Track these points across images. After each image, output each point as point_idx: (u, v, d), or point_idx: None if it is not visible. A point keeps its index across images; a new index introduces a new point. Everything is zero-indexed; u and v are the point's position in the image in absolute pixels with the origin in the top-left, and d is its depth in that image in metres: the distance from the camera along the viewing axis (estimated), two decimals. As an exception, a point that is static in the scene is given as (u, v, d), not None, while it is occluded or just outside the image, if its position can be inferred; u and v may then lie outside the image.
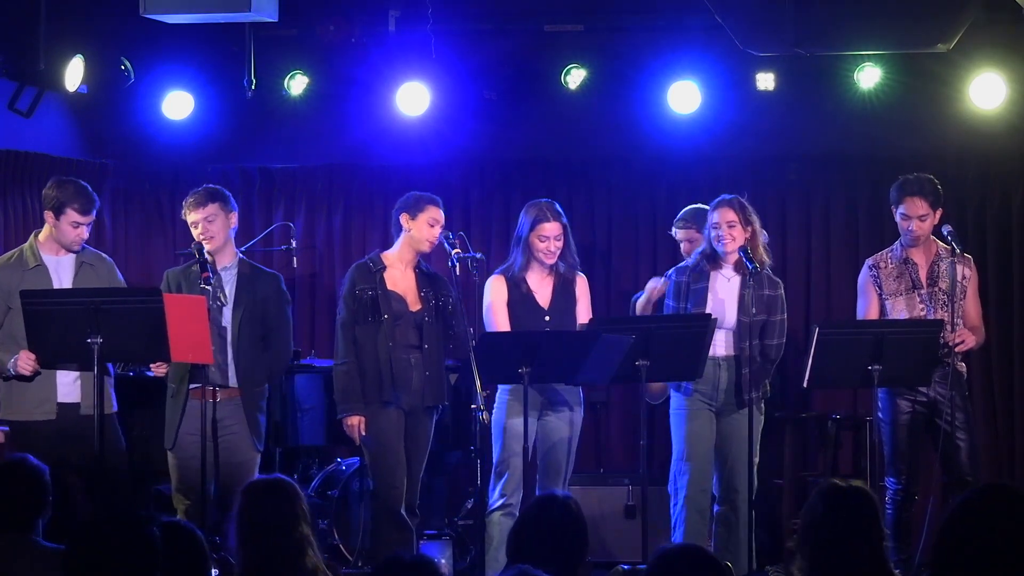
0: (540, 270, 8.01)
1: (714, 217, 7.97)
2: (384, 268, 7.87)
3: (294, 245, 9.38)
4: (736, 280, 7.97)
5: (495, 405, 7.93)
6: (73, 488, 7.29)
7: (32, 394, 7.45)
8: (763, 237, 8.05)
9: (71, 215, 7.56)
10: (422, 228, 7.82)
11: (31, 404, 7.46)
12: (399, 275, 7.90)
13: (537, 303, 7.97)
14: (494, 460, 7.96)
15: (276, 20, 7.94)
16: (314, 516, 5.24)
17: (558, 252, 7.96)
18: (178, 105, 9.67)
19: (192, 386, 7.52)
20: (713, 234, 7.96)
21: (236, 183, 9.87)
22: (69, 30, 8.46)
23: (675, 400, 8.05)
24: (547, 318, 7.96)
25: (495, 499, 7.93)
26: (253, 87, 9.48)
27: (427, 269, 8.01)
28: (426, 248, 7.92)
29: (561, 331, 7.87)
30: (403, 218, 7.87)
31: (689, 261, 8.11)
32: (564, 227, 7.99)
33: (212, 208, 7.68)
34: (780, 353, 8.05)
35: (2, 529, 5.34)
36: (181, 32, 8.93)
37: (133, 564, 4.06)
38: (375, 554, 7.95)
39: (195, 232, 7.71)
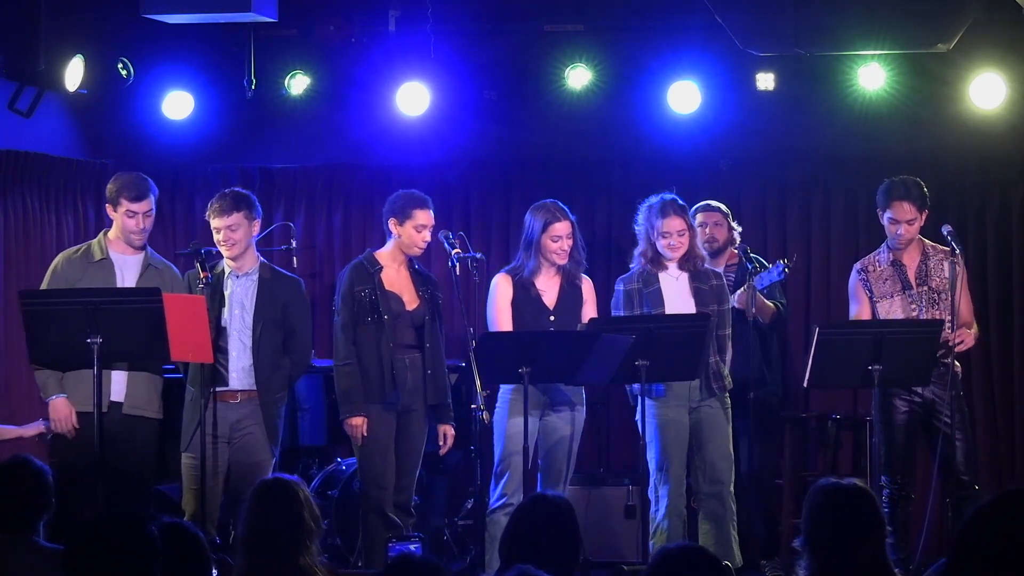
0: (547, 271, 8.02)
1: (662, 225, 7.98)
2: (381, 268, 7.88)
3: (294, 245, 9.38)
4: (684, 277, 8.04)
5: (497, 404, 7.93)
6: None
7: (84, 386, 7.39)
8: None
9: (124, 204, 7.58)
10: (410, 234, 7.84)
11: (82, 395, 7.42)
12: (394, 274, 7.91)
13: (543, 303, 7.98)
14: (495, 459, 7.96)
15: (276, 20, 7.95)
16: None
17: (569, 251, 7.98)
18: (178, 105, 9.67)
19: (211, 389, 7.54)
20: (664, 242, 7.99)
21: (236, 183, 9.86)
22: (69, 30, 8.46)
23: (642, 406, 8.03)
24: (552, 318, 7.96)
25: (496, 498, 7.93)
26: (253, 87, 9.49)
27: (420, 268, 8.03)
28: (416, 252, 7.94)
29: (561, 331, 7.88)
30: (391, 223, 7.89)
31: (633, 268, 8.12)
32: (573, 224, 8.02)
33: (236, 217, 7.69)
34: (729, 343, 8.10)
35: (2, 529, 5.34)
36: (181, 32, 8.93)
37: (133, 564, 4.06)
38: (367, 554, 7.95)
39: (217, 238, 7.71)
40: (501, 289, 7.99)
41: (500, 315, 7.94)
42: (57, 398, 7.46)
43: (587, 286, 8.13)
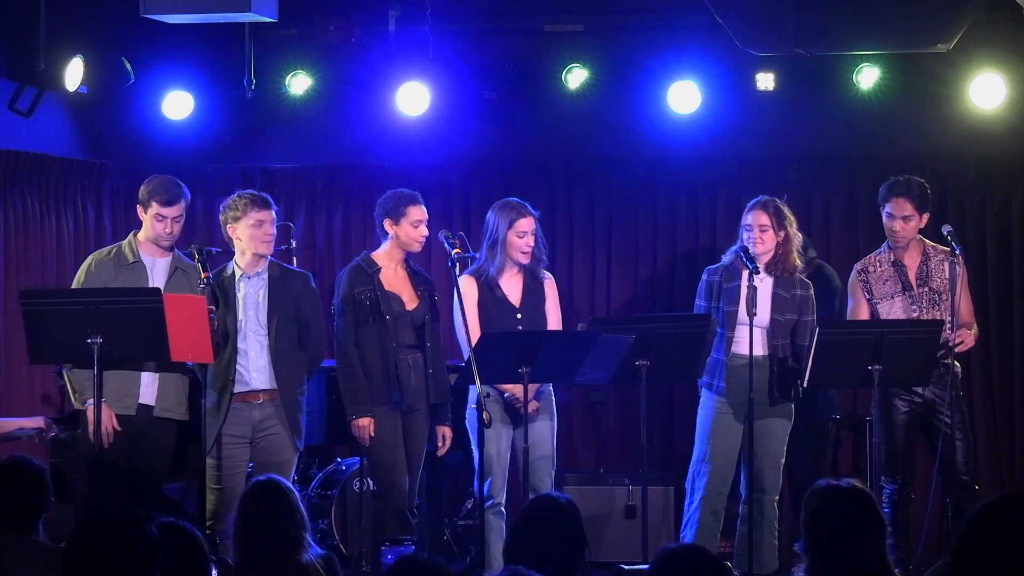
0: (510, 269, 8.01)
1: (748, 219, 8.00)
2: (379, 269, 7.88)
3: (294, 245, 9.38)
4: (768, 280, 7.99)
5: (468, 409, 7.93)
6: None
7: (116, 387, 7.40)
8: (798, 240, 8.06)
9: (155, 208, 7.58)
10: (408, 231, 7.84)
11: (113, 397, 7.40)
12: (392, 275, 7.91)
13: (509, 302, 7.97)
14: (475, 462, 7.94)
15: (276, 20, 7.94)
16: (312, 516, 5.25)
17: (532, 248, 7.97)
18: (178, 105, 9.67)
19: (236, 391, 7.57)
20: (745, 235, 7.99)
21: (236, 183, 9.86)
22: (69, 30, 8.45)
23: (705, 398, 8.04)
24: (519, 316, 7.96)
25: (483, 500, 7.93)
26: (253, 87, 9.49)
27: (416, 267, 8.03)
28: (416, 248, 7.94)
29: (561, 331, 7.89)
30: (386, 224, 7.88)
31: (724, 260, 8.11)
32: (537, 221, 8.02)
33: (272, 214, 7.75)
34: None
35: (2, 529, 5.34)
36: (181, 32, 8.93)
37: (133, 564, 4.06)
38: (373, 554, 7.95)
39: (256, 232, 7.66)
40: (467, 291, 7.92)
41: (469, 317, 7.90)
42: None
43: (550, 284, 8.12)
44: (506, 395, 7.79)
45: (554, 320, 8.06)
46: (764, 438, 7.93)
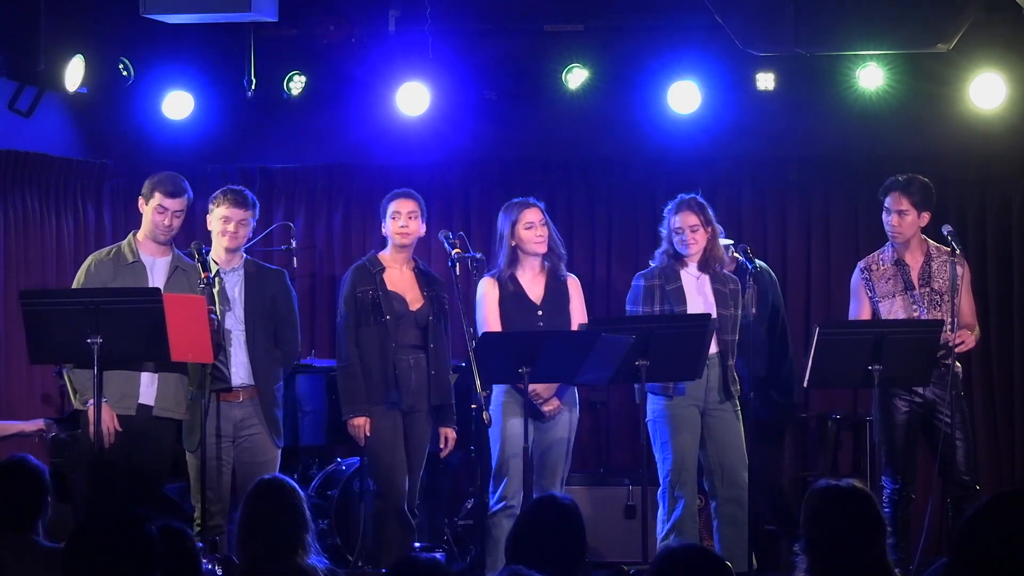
0: (532, 268, 8.02)
1: (676, 221, 8.02)
2: (383, 269, 7.89)
3: (294, 245, 9.38)
4: (704, 278, 8.04)
5: (491, 406, 7.93)
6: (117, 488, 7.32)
7: (116, 387, 7.39)
8: (720, 232, 8.13)
9: (158, 198, 7.55)
10: (389, 226, 7.91)
11: (114, 397, 7.39)
12: (398, 275, 7.92)
13: (530, 300, 7.98)
14: (492, 462, 7.95)
15: (276, 20, 7.94)
16: (312, 516, 5.25)
17: (546, 237, 7.97)
18: (178, 105, 9.67)
19: (213, 389, 7.55)
20: (676, 238, 8.02)
21: (236, 183, 9.84)
22: (69, 30, 8.46)
23: (656, 405, 8.00)
24: (539, 313, 7.96)
25: (496, 501, 7.92)
26: (253, 87, 9.49)
27: (424, 268, 8.03)
28: (400, 241, 7.93)
29: (561, 331, 7.88)
30: (383, 227, 7.94)
31: (653, 265, 8.12)
32: (544, 211, 8.03)
33: (248, 214, 7.76)
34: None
35: (2, 529, 5.34)
36: (181, 32, 8.94)
37: (133, 564, 4.06)
38: (378, 553, 7.95)
39: (223, 227, 7.70)
40: (488, 293, 7.96)
41: (488, 315, 7.92)
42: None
43: (573, 283, 8.13)
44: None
45: (579, 319, 8.06)
46: (733, 435, 7.98)
